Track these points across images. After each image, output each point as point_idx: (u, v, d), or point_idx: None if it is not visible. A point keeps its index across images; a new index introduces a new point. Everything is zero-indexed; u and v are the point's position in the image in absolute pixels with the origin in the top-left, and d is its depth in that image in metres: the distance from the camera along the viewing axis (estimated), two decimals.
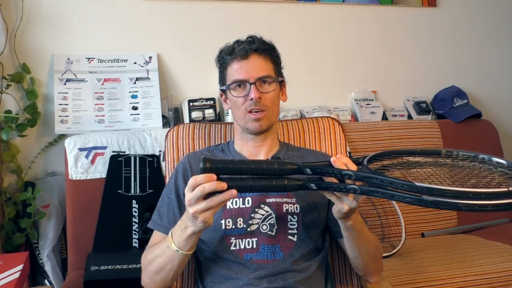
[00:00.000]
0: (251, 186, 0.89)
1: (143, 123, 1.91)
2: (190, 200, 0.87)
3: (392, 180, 0.77)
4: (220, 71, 1.17)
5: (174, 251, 0.95)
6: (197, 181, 0.87)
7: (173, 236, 0.96)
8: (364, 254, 1.08)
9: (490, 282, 1.52)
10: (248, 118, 1.12)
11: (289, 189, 0.91)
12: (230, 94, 1.13)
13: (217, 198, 0.86)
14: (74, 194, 1.68)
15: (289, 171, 0.90)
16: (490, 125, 2.30)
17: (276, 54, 1.16)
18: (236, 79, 1.11)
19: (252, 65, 1.10)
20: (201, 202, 0.86)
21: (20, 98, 1.87)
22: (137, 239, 1.66)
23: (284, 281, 1.03)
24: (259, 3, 2.19)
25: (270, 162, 0.91)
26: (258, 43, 1.11)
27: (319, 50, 2.27)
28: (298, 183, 0.90)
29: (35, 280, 1.70)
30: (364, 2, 2.32)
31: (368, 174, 0.82)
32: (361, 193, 0.84)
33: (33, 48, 1.91)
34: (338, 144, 1.40)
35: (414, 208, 2.00)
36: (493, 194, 0.71)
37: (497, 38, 2.55)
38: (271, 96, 1.12)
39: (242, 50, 1.10)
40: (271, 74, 1.12)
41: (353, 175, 0.84)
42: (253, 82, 1.09)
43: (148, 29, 2.04)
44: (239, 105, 1.12)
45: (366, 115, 2.24)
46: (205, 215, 0.87)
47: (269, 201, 1.09)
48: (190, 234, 0.92)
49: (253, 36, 1.14)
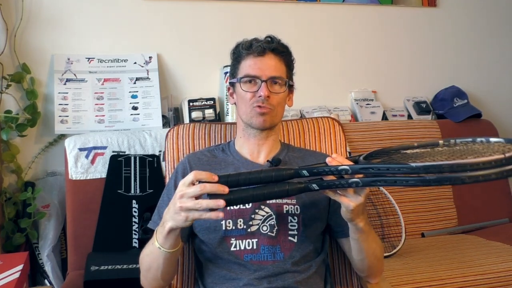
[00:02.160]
0: (253, 195, 0.89)
1: (143, 123, 1.91)
2: (184, 194, 0.86)
3: (387, 166, 0.77)
4: (233, 64, 1.17)
5: (157, 248, 0.96)
6: (198, 177, 0.86)
7: (157, 234, 0.96)
8: (371, 256, 1.08)
9: (490, 282, 1.52)
10: (254, 112, 1.12)
11: (292, 193, 0.90)
12: (240, 87, 1.12)
13: (206, 202, 0.85)
14: (74, 194, 1.68)
15: (287, 176, 0.90)
16: (490, 125, 2.30)
17: (290, 58, 1.17)
18: (248, 73, 1.11)
19: (267, 63, 1.11)
20: (192, 199, 0.86)
21: (20, 98, 1.86)
22: (137, 239, 1.66)
23: (284, 282, 1.03)
24: (259, 3, 2.19)
25: (267, 170, 0.91)
26: (276, 44, 1.13)
27: (319, 50, 2.27)
28: (300, 186, 0.90)
29: (35, 280, 1.70)
30: (364, 2, 2.32)
31: (364, 165, 0.82)
32: (363, 185, 0.84)
33: (33, 48, 1.91)
34: (338, 144, 1.40)
35: (414, 208, 2.00)
36: (491, 162, 0.70)
37: (497, 38, 2.55)
38: (279, 97, 1.12)
39: (260, 47, 1.10)
40: (283, 76, 1.13)
41: (349, 169, 0.84)
42: (265, 80, 1.10)
43: (148, 29, 2.04)
44: (246, 99, 1.12)
45: (366, 115, 2.24)
46: (189, 214, 0.87)
47: (269, 202, 1.08)
48: (168, 230, 0.92)
49: (272, 36, 1.15)
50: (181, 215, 0.88)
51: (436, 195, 2.05)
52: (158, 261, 0.98)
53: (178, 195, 0.88)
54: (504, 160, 0.70)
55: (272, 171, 0.90)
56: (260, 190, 0.89)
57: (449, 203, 2.07)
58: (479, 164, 0.70)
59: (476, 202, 2.12)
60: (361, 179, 0.83)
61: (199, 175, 0.88)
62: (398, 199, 1.92)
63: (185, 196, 0.87)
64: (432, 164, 0.72)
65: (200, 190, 0.86)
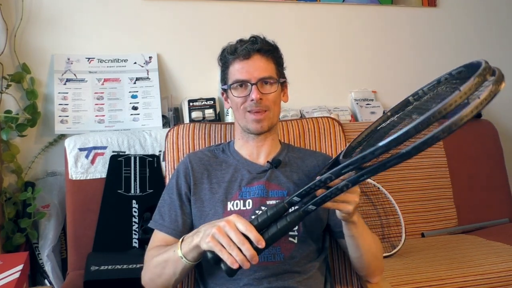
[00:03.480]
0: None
1: (143, 123, 1.91)
2: (226, 228, 0.85)
3: (362, 156, 0.75)
4: (222, 70, 1.16)
5: (178, 257, 0.95)
6: (246, 231, 0.84)
7: (182, 242, 0.96)
8: (367, 252, 1.08)
9: (490, 282, 1.52)
10: (248, 118, 1.11)
11: (294, 224, 0.89)
12: (231, 93, 1.12)
13: (247, 246, 0.83)
14: (74, 194, 1.68)
15: (283, 210, 0.89)
16: (490, 125, 2.30)
17: (278, 54, 1.15)
18: (237, 79, 1.10)
19: (254, 65, 1.09)
20: (226, 237, 0.85)
21: (20, 98, 1.87)
22: (137, 239, 1.66)
23: (284, 282, 1.03)
24: (259, 3, 2.19)
25: (261, 214, 0.90)
26: (261, 43, 1.11)
27: (319, 50, 2.27)
28: (300, 214, 0.89)
29: (35, 280, 1.70)
30: (364, 2, 2.32)
31: (341, 165, 0.81)
32: (354, 184, 0.83)
33: (33, 48, 1.91)
34: (338, 144, 1.40)
35: (414, 208, 2.00)
36: (452, 105, 0.67)
37: (497, 38, 2.55)
38: (272, 96, 1.11)
39: (245, 50, 1.09)
40: (273, 75, 1.12)
41: (332, 176, 0.84)
42: (255, 83, 1.08)
43: (148, 29, 2.04)
44: (238, 105, 1.12)
45: (366, 115, 2.24)
46: (217, 245, 0.85)
47: (269, 203, 1.08)
48: (195, 245, 0.92)
49: (256, 36, 1.13)
50: (210, 242, 0.86)
51: (436, 195, 2.05)
52: (175, 269, 0.98)
53: (222, 223, 0.86)
54: (462, 97, 0.67)
55: (266, 213, 0.89)
56: (265, 236, 0.87)
57: (449, 203, 2.07)
58: (442, 113, 0.68)
59: (476, 202, 2.12)
60: (349, 180, 0.82)
61: (250, 232, 0.85)
62: (398, 199, 1.92)
63: (225, 229, 0.85)
64: (396, 136, 0.70)
65: (239, 241, 0.84)
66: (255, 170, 1.14)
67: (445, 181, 2.08)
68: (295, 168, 1.17)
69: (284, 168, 1.16)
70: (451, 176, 2.10)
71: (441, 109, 0.68)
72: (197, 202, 1.11)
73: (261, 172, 1.14)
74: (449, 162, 2.11)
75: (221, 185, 1.12)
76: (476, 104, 0.67)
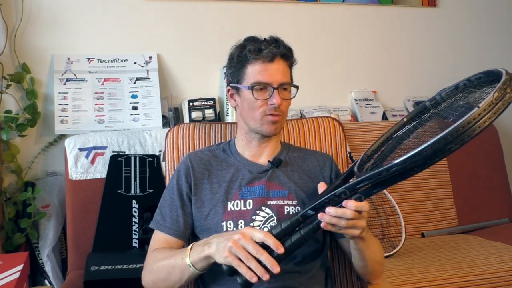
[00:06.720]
0: (277, 256, 0.87)
1: (143, 123, 1.91)
2: (242, 241, 0.85)
3: (378, 172, 0.78)
4: (237, 67, 1.12)
5: (187, 265, 0.95)
6: (264, 240, 0.85)
7: (191, 250, 0.96)
8: (373, 261, 1.08)
9: (490, 282, 1.52)
10: (265, 120, 1.09)
11: (308, 236, 0.90)
12: (252, 95, 1.08)
13: (266, 256, 0.84)
14: (74, 194, 1.68)
15: (297, 223, 0.91)
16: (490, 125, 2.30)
17: (293, 60, 1.15)
18: (260, 81, 1.07)
19: (277, 69, 1.08)
20: (244, 250, 0.85)
21: (20, 98, 1.87)
22: (137, 239, 1.66)
23: (284, 282, 1.03)
24: (259, 3, 2.19)
25: (275, 227, 0.91)
26: (283, 48, 1.10)
27: (319, 50, 2.27)
28: (313, 227, 0.90)
29: (35, 280, 1.70)
30: (364, 2, 2.32)
31: (356, 180, 0.84)
32: (366, 196, 0.86)
33: (33, 48, 1.91)
34: (338, 144, 1.40)
35: (414, 208, 2.00)
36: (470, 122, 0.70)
37: (497, 38, 2.55)
38: (288, 103, 1.12)
39: (270, 53, 1.07)
40: (290, 80, 1.12)
41: (347, 191, 0.86)
42: (276, 87, 1.07)
43: (148, 29, 2.04)
44: (256, 107, 1.09)
45: (366, 115, 2.24)
46: (235, 259, 0.86)
47: (270, 203, 1.08)
48: (206, 256, 0.92)
49: (277, 38, 1.11)
50: (225, 253, 0.86)
51: (436, 195, 2.05)
52: (182, 276, 0.97)
53: (236, 236, 0.87)
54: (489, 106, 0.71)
55: (279, 226, 0.90)
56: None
57: (449, 203, 2.07)
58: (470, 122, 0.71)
59: (476, 202, 2.12)
60: (362, 192, 0.86)
61: (268, 238, 0.86)
62: (398, 199, 1.92)
63: (240, 242, 0.86)
64: (411, 154, 0.73)
65: (257, 252, 0.84)
66: (256, 170, 1.14)
67: (445, 181, 2.08)
68: (296, 168, 1.17)
69: (285, 167, 1.16)
70: (451, 176, 2.10)
71: (458, 127, 0.72)
72: (197, 202, 1.11)
73: (262, 172, 1.14)
74: (449, 162, 2.11)
75: (221, 185, 1.12)
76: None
